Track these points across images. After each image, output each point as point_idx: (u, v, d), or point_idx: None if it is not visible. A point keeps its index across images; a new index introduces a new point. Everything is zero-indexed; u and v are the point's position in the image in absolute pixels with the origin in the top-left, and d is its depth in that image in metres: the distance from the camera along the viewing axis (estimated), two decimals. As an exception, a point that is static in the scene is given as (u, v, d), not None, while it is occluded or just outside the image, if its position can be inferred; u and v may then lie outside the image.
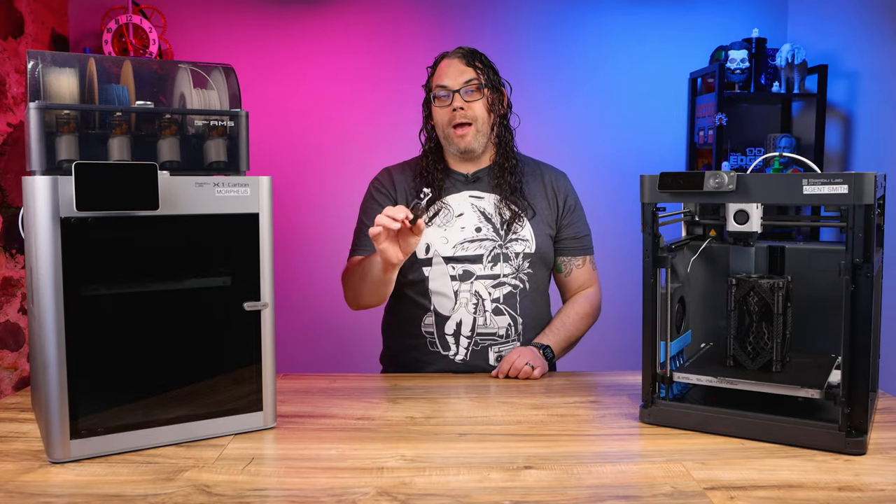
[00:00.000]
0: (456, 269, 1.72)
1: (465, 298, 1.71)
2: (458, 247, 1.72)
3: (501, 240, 1.74)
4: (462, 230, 1.73)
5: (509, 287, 1.74)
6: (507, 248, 1.74)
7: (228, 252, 1.26)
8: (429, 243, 1.73)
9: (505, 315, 1.74)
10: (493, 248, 1.73)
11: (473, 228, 1.73)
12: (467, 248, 1.72)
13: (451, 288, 1.72)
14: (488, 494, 1.03)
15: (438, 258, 1.72)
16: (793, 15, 3.57)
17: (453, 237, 1.73)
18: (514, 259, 1.74)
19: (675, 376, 1.34)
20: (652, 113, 3.54)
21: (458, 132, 1.72)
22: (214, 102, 1.31)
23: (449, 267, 1.72)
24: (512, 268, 1.74)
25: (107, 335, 1.16)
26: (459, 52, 1.76)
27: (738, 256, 1.50)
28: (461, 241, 1.72)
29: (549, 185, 1.83)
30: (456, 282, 1.72)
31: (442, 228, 1.74)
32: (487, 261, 1.72)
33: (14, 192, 2.86)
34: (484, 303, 1.72)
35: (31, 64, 1.18)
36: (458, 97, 1.71)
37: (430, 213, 1.74)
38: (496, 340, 1.73)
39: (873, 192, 1.12)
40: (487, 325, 1.72)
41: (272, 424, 1.31)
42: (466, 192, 1.77)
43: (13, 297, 2.90)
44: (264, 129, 3.33)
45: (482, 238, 1.73)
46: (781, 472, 1.10)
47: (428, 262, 1.73)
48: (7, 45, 2.86)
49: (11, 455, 1.18)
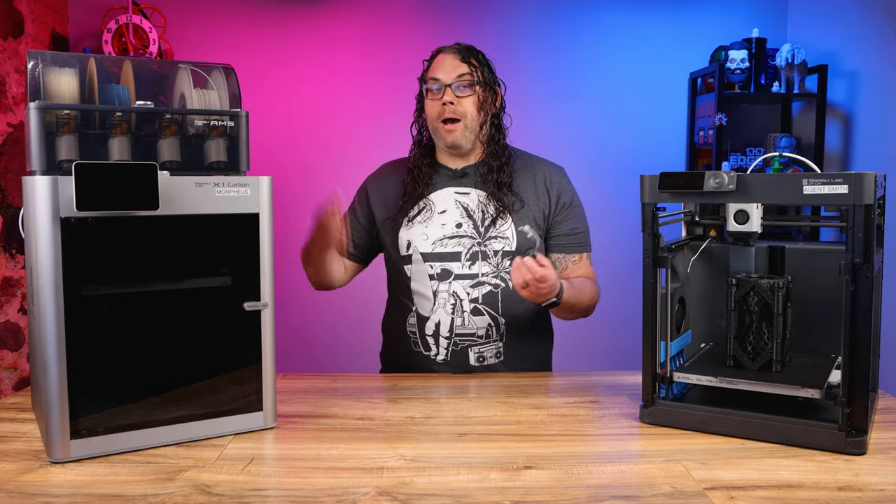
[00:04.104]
0: (434, 268, 1.71)
1: (443, 299, 1.71)
2: (438, 243, 1.72)
3: (480, 237, 1.72)
4: (443, 227, 1.73)
5: (489, 286, 1.72)
6: (485, 246, 1.72)
7: (228, 252, 1.26)
8: (409, 240, 1.74)
9: (485, 315, 1.72)
10: (472, 246, 1.72)
11: (454, 224, 1.73)
12: (446, 244, 1.72)
13: (429, 288, 1.72)
14: (488, 494, 1.03)
15: (417, 255, 1.73)
16: (793, 15, 3.57)
17: (433, 233, 1.73)
18: (493, 257, 1.72)
19: (675, 376, 1.34)
20: (652, 113, 3.55)
21: (447, 127, 1.72)
22: (214, 102, 1.31)
23: (427, 266, 1.72)
24: (491, 266, 1.72)
25: (107, 335, 1.16)
26: (456, 47, 1.76)
27: (738, 256, 1.50)
28: (440, 238, 1.72)
29: (541, 180, 1.78)
30: (434, 281, 1.72)
31: (423, 225, 1.74)
32: (465, 259, 1.71)
33: (14, 192, 2.86)
34: (462, 303, 1.71)
35: (31, 64, 1.18)
36: (448, 91, 1.70)
37: (414, 212, 1.75)
38: (476, 341, 1.72)
39: (873, 192, 1.12)
40: (466, 326, 1.71)
41: (272, 424, 1.31)
42: (452, 187, 1.77)
43: (13, 297, 2.90)
44: (264, 128, 3.33)
45: (461, 235, 1.72)
46: (781, 472, 1.10)
47: (408, 259, 1.74)
48: (7, 45, 2.86)
49: (11, 455, 1.18)
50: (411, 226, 1.75)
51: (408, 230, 1.75)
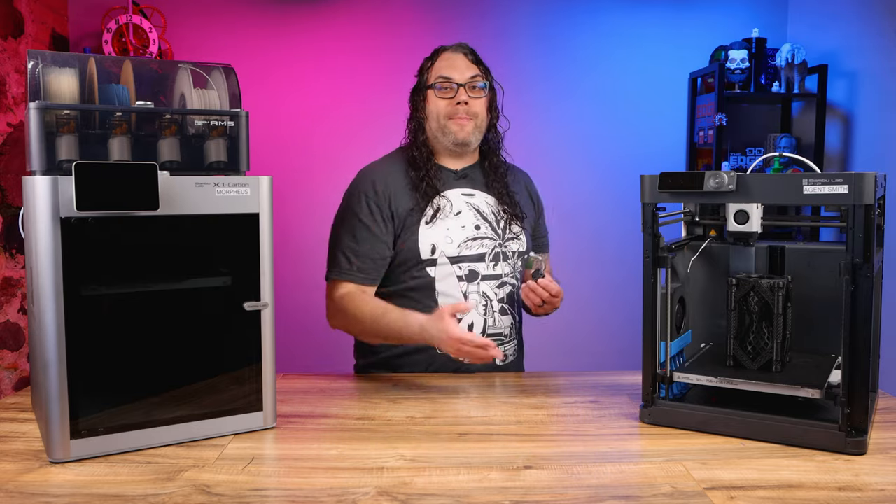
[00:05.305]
0: (462, 269, 1.70)
1: (474, 301, 1.70)
2: (462, 246, 1.70)
3: (500, 238, 1.74)
4: (463, 229, 1.72)
5: (509, 287, 1.75)
6: (505, 248, 1.75)
7: (228, 252, 1.26)
8: (434, 244, 1.68)
9: (508, 315, 1.75)
10: (494, 248, 1.73)
11: (473, 226, 1.72)
12: (470, 246, 1.71)
13: (458, 289, 1.70)
14: (488, 494, 1.03)
15: (444, 258, 1.69)
16: (793, 15, 3.57)
17: (457, 236, 1.70)
18: (511, 258, 1.76)
19: (675, 376, 1.34)
20: (652, 113, 3.54)
21: (460, 122, 1.70)
22: (214, 102, 1.31)
23: (455, 267, 1.70)
24: (510, 266, 1.76)
25: (107, 335, 1.16)
26: (465, 47, 1.76)
27: (738, 256, 1.50)
28: (464, 240, 1.71)
29: (524, 186, 1.88)
30: (464, 283, 1.70)
31: (444, 227, 1.70)
32: (489, 260, 1.72)
33: (14, 192, 2.86)
34: (492, 303, 1.72)
35: (31, 64, 1.18)
36: (463, 91, 1.70)
37: (431, 212, 1.69)
38: (502, 340, 1.74)
39: (873, 192, 1.12)
40: (496, 326, 1.73)
41: (272, 424, 1.31)
42: (458, 189, 1.76)
43: (13, 297, 2.90)
44: (264, 129, 3.33)
45: (483, 236, 1.72)
46: (781, 472, 1.10)
47: (433, 262, 1.69)
48: (7, 45, 2.86)
49: (11, 455, 1.18)
50: (432, 227, 1.69)
51: (429, 232, 1.69)
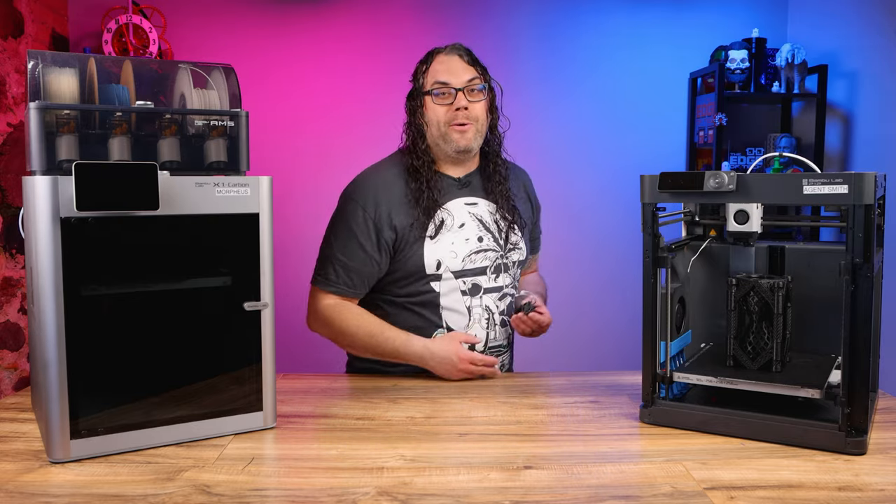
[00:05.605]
0: (466, 284, 1.66)
1: (477, 314, 1.68)
2: (466, 259, 1.66)
3: (502, 249, 1.71)
4: (466, 241, 1.66)
5: (509, 297, 1.73)
6: (506, 258, 1.72)
7: (228, 252, 1.26)
8: (440, 259, 1.63)
9: (507, 326, 1.73)
10: (496, 259, 1.70)
11: (476, 238, 1.68)
12: (474, 259, 1.67)
13: (463, 304, 1.67)
14: (488, 494, 1.03)
15: (448, 273, 1.65)
16: (793, 15, 3.57)
17: (461, 250, 1.66)
18: (511, 269, 1.73)
19: (675, 376, 1.34)
20: (652, 113, 3.55)
21: (460, 129, 1.63)
22: (214, 102, 1.31)
23: (459, 282, 1.66)
24: (511, 277, 1.73)
25: (107, 335, 1.16)
26: (460, 49, 1.68)
27: (738, 256, 1.50)
28: (468, 254, 1.66)
29: (522, 186, 1.83)
30: (467, 297, 1.67)
31: (449, 241, 1.65)
32: (491, 272, 1.69)
33: (14, 192, 2.86)
34: (493, 316, 1.70)
35: (31, 64, 1.18)
36: (461, 96, 1.63)
37: (433, 227, 1.64)
38: (501, 351, 1.73)
39: (873, 192, 1.12)
40: (497, 338, 1.71)
41: (272, 424, 1.31)
42: (461, 199, 1.69)
43: (13, 297, 2.90)
44: (264, 128, 3.33)
45: (485, 248, 1.68)
46: (781, 472, 1.10)
47: (437, 277, 1.64)
48: (7, 45, 2.86)
49: (11, 455, 1.18)
50: (437, 242, 1.64)
51: (434, 247, 1.64)
